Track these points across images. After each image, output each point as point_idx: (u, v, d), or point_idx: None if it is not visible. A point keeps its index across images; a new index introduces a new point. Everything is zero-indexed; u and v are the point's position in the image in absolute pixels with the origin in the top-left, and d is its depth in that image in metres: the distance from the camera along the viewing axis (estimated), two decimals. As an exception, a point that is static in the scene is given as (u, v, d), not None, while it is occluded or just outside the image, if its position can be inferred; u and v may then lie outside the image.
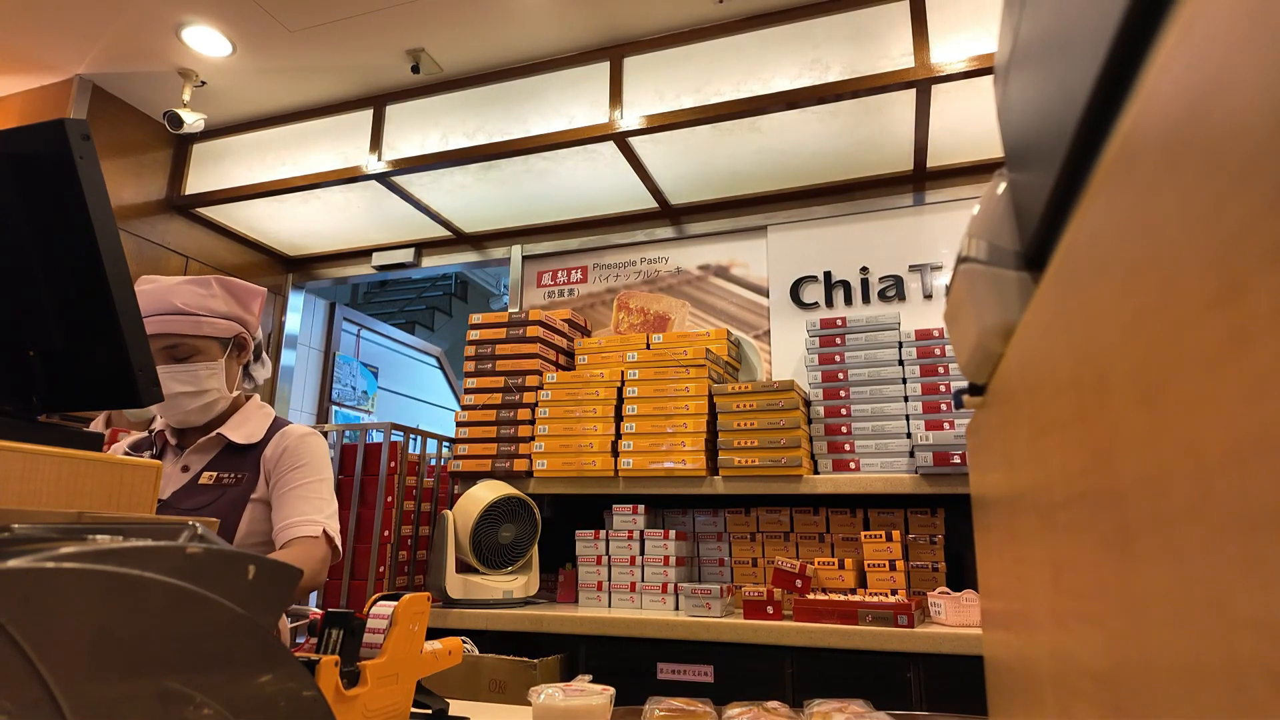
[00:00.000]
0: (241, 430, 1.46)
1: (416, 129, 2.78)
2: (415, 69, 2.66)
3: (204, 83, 2.78)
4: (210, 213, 3.13)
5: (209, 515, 1.27)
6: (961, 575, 2.13)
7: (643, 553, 2.19)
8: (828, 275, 2.73)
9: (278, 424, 1.52)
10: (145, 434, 1.54)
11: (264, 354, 1.61)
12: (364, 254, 3.49)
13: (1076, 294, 0.32)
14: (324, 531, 1.39)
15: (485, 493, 2.22)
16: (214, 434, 1.44)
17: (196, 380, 1.39)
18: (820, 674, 1.78)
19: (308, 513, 1.40)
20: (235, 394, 1.49)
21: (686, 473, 2.19)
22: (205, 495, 1.39)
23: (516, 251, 3.20)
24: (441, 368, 6.00)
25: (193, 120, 2.75)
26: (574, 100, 2.58)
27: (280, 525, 1.38)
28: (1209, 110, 0.19)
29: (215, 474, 1.42)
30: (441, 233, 3.25)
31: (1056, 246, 0.37)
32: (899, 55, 2.23)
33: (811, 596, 1.88)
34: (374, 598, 0.89)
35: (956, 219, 2.62)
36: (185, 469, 1.43)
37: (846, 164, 2.66)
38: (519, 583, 2.22)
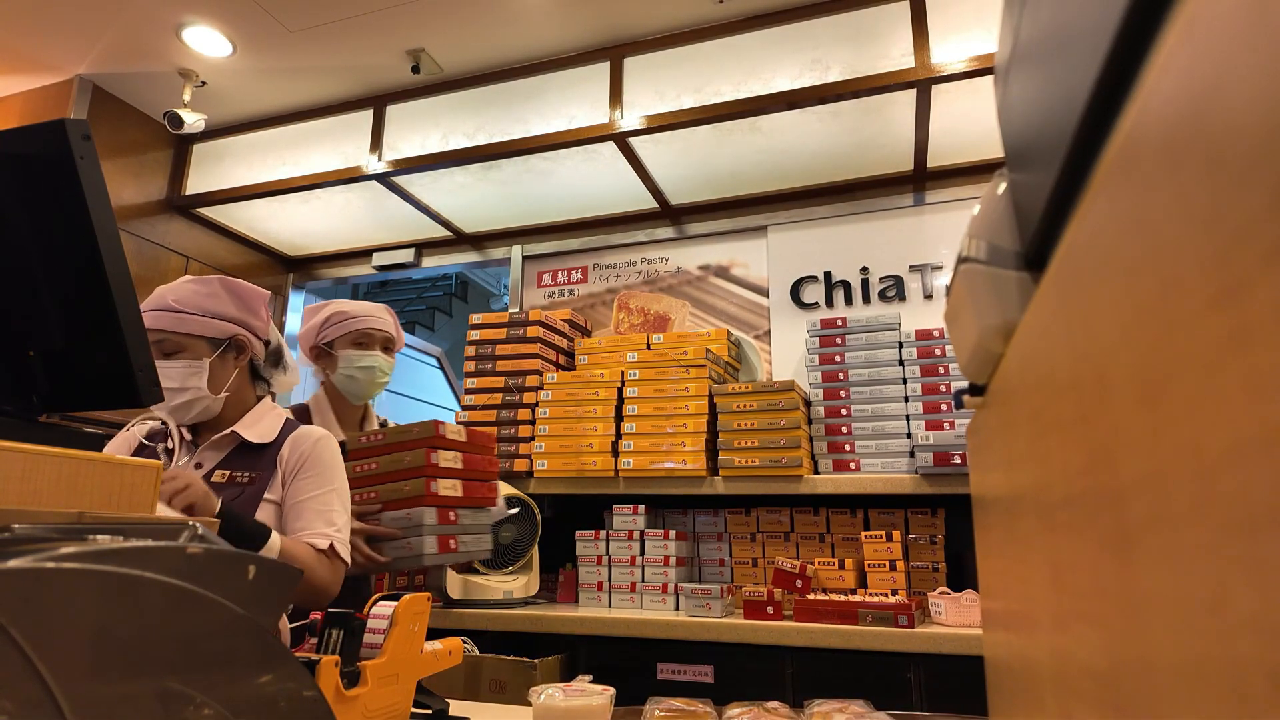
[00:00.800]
0: (255, 429, 1.46)
1: (417, 129, 2.78)
2: (415, 69, 2.66)
3: (204, 83, 2.78)
4: (210, 213, 3.13)
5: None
6: (962, 575, 2.13)
7: (643, 553, 2.19)
8: (828, 275, 2.73)
9: (290, 425, 1.51)
10: (161, 424, 1.53)
11: (285, 359, 1.59)
12: (364, 254, 3.49)
13: (1077, 294, 0.32)
14: (331, 545, 1.40)
15: (485, 493, 2.22)
16: (228, 432, 1.44)
17: (176, 377, 1.38)
18: (820, 674, 1.78)
19: (319, 527, 1.40)
20: (229, 393, 1.46)
21: (686, 473, 2.19)
22: (219, 493, 1.39)
23: (516, 251, 3.20)
24: (441, 368, 6.01)
25: (193, 120, 2.75)
26: (574, 100, 2.58)
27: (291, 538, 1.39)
28: (1209, 111, 0.19)
29: (228, 472, 1.41)
30: (442, 233, 3.25)
31: (1057, 247, 0.37)
32: (899, 55, 2.23)
33: (812, 597, 1.88)
34: (374, 598, 0.89)
35: (957, 219, 2.62)
36: (198, 465, 1.43)
37: (847, 164, 2.66)
38: (519, 583, 2.22)
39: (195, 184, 3.08)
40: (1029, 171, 0.45)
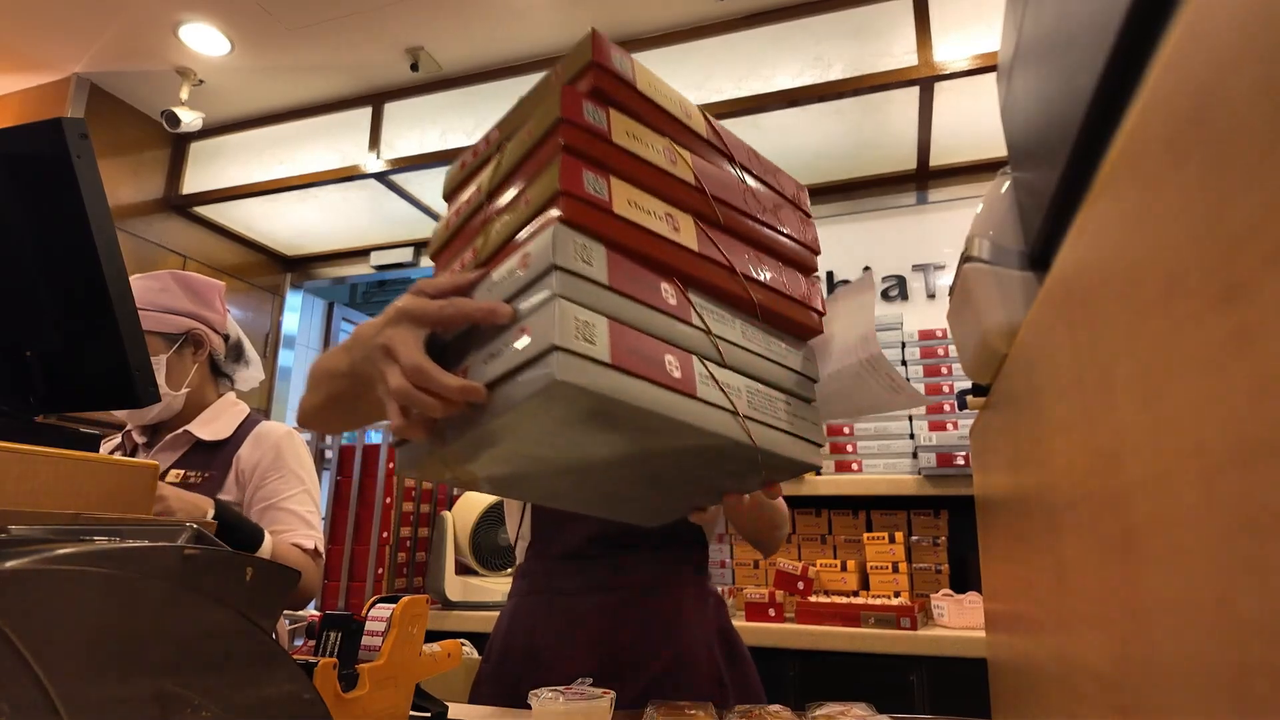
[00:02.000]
0: (209, 427, 1.41)
1: (415, 127, 2.77)
2: (414, 67, 2.66)
3: (202, 81, 2.78)
4: (208, 212, 3.12)
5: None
6: (965, 577, 2.13)
7: (643, 553, 2.19)
8: (830, 275, 2.72)
9: (251, 420, 1.47)
10: (117, 438, 1.50)
11: (246, 353, 1.54)
12: (363, 253, 3.49)
13: (1080, 294, 0.32)
14: (315, 547, 1.38)
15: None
16: (181, 431, 1.40)
17: None
18: (822, 677, 1.78)
19: (299, 528, 1.37)
20: (189, 390, 1.44)
21: (687, 473, 2.18)
22: None
23: (517, 251, 3.20)
24: (442, 367, 6.00)
25: (190, 119, 2.75)
26: (574, 100, 2.58)
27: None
28: (1212, 109, 0.19)
29: (182, 472, 1.37)
30: (442, 232, 3.25)
31: (1060, 246, 0.37)
32: (902, 53, 2.23)
33: (814, 599, 1.88)
34: (372, 600, 0.89)
35: (960, 218, 2.62)
36: None
37: (849, 163, 2.66)
38: (519, 583, 2.21)
39: (193, 183, 3.08)
40: (1032, 170, 0.45)
